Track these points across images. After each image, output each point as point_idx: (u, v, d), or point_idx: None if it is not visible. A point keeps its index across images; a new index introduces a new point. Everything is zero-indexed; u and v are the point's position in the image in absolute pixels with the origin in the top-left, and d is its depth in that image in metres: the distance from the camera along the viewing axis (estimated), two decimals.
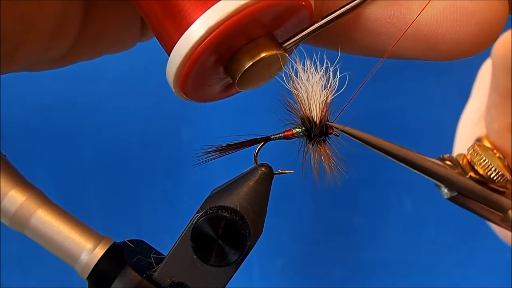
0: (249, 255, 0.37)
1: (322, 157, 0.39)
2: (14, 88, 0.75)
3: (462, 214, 0.75)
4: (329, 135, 0.39)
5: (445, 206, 0.74)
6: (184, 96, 0.37)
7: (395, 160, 0.39)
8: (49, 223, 0.38)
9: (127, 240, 0.39)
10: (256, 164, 0.40)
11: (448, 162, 0.42)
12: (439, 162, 0.41)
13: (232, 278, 0.38)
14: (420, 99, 0.78)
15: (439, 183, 0.41)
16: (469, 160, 0.41)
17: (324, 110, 0.39)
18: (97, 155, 0.79)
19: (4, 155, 0.39)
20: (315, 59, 0.37)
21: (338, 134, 0.39)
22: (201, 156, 0.40)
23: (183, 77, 0.35)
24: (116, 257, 0.38)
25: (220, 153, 0.40)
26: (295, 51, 0.38)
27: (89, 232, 0.39)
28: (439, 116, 0.75)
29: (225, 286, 0.38)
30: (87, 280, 0.38)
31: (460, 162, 0.42)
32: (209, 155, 0.40)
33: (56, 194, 0.77)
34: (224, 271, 0.38)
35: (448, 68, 0.77)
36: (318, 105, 0.39)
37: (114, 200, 0.79)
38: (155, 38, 0.46)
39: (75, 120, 0.79)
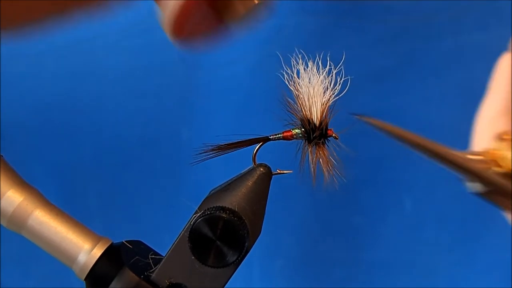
0: (248, 255, 0.37)
1: (321, 160, 0.39)
2: (14, 88, 0.75)
3: (461, 214, 0.75)
4: (328, 138, 0.39)
5: (445, 206, 0.74)
6: (178, 35, 0.38)
7: (422, 153, 0.39)
8: (47, 224, 0.38)
9: (125, 241, 0.39)
10: (255, 164, 0.40)
11: (473, 157, 0.42)
12: (466, 156, 0.41)
13: (232, 278, 0.38)
14: (420, 99, 0.78)
15: (465, 177, 0.41)
16: (494, 155, 0.42)
17: (325, 112, 0.38)
18: (97, 155, 0.79)
19: (2, 156, 0.39)
20: (317, 61, 0.37)
21: (337, 137, 0.39)
22: (200, 154, 0.40)
23: (179, 15, 0.36)
24: (114, 258, 0.38)
25: (219, 151, 0.40)
26: (297, 52, 0.38)
27: (87, 233, 0.38)
28: (439, 116, 0.75)
29: (223, 287, 0.38)
30: (85, 281, 0.38)
31: (485, 157, 0.42)
32: (208, 153, 0.40)
33: (56, 194, 0.77)
34: (222, 272, 0.38)
35: (448, 68, 0.77)
36: (319, 107, 0.38)
37: (114, 200, 0.79)
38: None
39: (75, 120, 0.79)
